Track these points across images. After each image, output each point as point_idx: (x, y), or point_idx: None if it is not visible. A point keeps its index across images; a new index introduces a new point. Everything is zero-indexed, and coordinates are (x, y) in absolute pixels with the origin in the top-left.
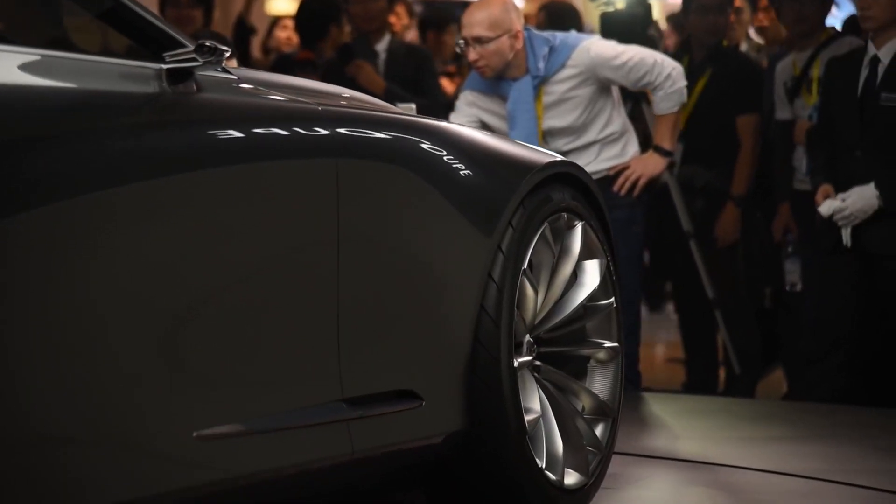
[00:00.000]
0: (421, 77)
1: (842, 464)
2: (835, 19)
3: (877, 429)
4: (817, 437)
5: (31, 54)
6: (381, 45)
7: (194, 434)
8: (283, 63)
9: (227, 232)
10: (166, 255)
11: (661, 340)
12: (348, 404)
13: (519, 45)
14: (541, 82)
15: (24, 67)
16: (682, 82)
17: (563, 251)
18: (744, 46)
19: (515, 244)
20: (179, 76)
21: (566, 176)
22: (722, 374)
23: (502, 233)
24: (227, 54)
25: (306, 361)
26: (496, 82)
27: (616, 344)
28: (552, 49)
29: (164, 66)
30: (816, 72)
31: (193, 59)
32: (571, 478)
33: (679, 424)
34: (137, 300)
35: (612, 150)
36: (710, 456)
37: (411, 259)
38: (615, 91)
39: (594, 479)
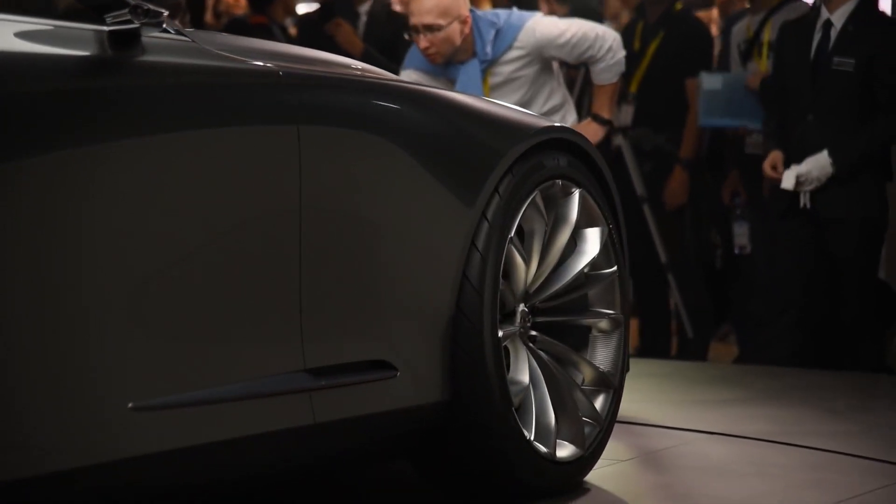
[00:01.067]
0: (399, 41)
1: (793, 426)
2: None
3: (827, 390)
4: (768, 400)
5: None
6: (364, 7)
7: (130, 405)
8: (237, 26)
9: (174, 198)
10: (112, 222)
11: None
12: (311, 374)
13: (467, 30)
14: (488, 65)
15: None
16: (622, 53)
17: (559, 219)
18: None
19: (501, 212)
20: (124, 39)
21: (563, 142)
22: (674, 337)
23: (487, 200)
24: (165, 15)
25: (263, 332)
26: (442, 64)
27: (620, 314)
28: (498, 32)
29: (106, 29)
30: (767, 35)
31: (130, 21)
32: (565, 450)
33: (631, 388)
34: (84, 268)
35: None
36: (663, 419)
37: (383, 227)
38: (555, 64)
39: (590, 451)
